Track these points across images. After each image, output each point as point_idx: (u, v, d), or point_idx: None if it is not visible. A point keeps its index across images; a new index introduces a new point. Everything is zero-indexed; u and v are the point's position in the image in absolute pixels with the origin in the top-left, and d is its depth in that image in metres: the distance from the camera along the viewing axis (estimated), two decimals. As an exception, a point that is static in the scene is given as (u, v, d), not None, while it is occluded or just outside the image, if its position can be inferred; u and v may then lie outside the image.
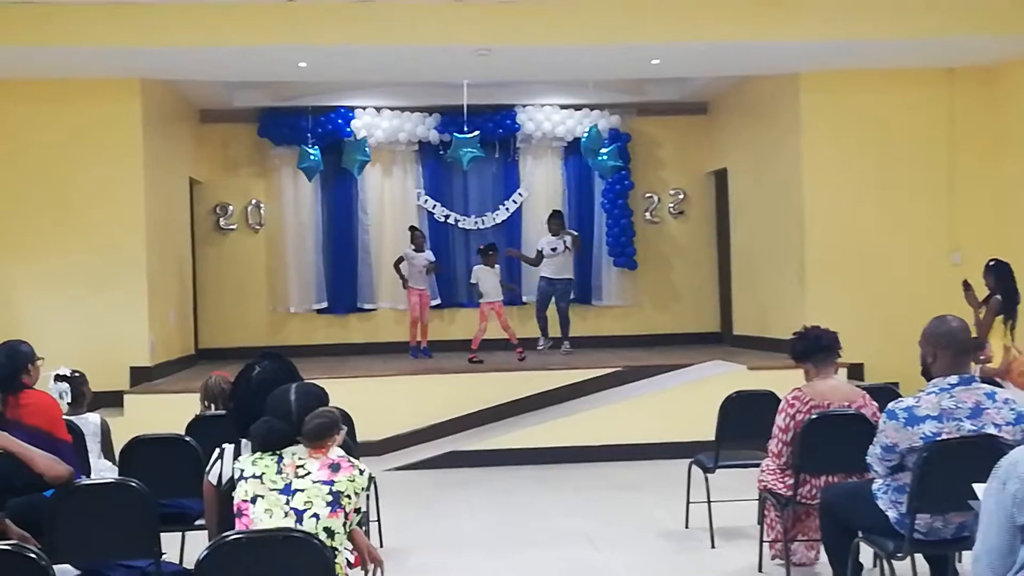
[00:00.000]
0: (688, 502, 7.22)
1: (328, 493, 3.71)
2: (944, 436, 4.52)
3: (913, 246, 11.28)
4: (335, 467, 3.78)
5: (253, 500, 3.72)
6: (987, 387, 4.69)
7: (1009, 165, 11.11)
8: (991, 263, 8.77)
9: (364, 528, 5.85)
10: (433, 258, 12.57)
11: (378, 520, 6.96)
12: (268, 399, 3.97)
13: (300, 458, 3.81)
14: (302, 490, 3.72)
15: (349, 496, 3.74)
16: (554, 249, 12.28)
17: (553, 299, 12.32)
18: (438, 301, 13.64)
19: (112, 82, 10.68)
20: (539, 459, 9.77)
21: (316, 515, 3.67)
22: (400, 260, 12.34)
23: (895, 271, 11.21)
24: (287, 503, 3.69)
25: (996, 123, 11.25)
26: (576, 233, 12.58)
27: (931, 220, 11.34)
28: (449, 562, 6.69)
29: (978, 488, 3.60)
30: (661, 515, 7.66)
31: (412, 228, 12.75)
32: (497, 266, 12.23)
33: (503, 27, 9.79)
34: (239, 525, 3.70)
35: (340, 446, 3.94)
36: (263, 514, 3.68)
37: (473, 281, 12.22)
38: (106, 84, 10.69)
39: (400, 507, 7.90)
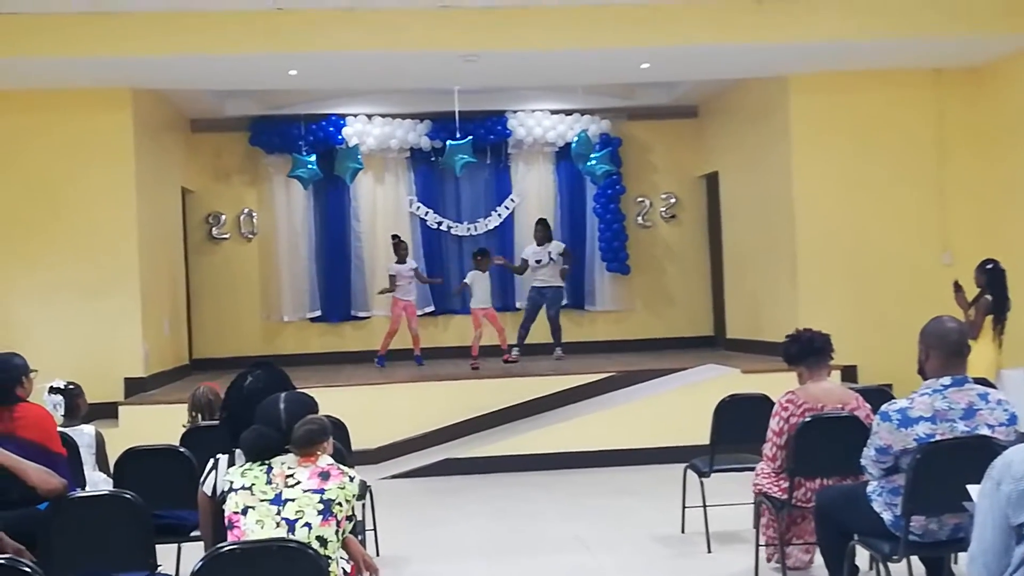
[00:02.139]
0: (684, 506, 7.22)
1: (319, 501, 3.70)
2: (938, 437, 4.52)
3: (904, 247, 11.30)
4: (325, 475, 3.77)
5: (244, 511, 3.71)
6: (980, 388, 4.69)
7: (998, 165, 11.14)
8: (987, 265, 8.80)
9: (360, 537, 5.84)
10: (415, 265, 12.56)
11: (374, 528, 6.95)
12: (258, 408, 3.97)
13: (289, 467, 3.80)
14: (293, 499, 3.71)
15: (340, 504, 3.73)
16: (539, 261, 12.31)
17: (544, 307, 12.34)
18: (431, 308, 13.64)
19: (103, 92, 10.67)
20: (534, 465, 9.76)
21: (308, 524, 3.66)
22: (392, 278, 12.34)
23: (887, 272, 11.23)
24: (278, 513, 3.69)
25: (984, 123, 11.28)
26: (564, 246, 12.57)
27: (921, 221, 11.36)
28: (446, 570, 6.68)
29: (972, 489, 3.60)
30: (657, 520, 7.65)
31: (394, 237, 12.71)
32: (485, 272, 12.23)
33: (491, 32, 9.81)
34: (231, 537, 3.69)
35: (332, 455, 3.93)
36: (254, 525, 3.67)
37: (467, 282, 12.21)
38: (97, 94, 10.68)
39: (396, 515, 7.89)
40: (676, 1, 9.76)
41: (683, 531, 7.22)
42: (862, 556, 5.12)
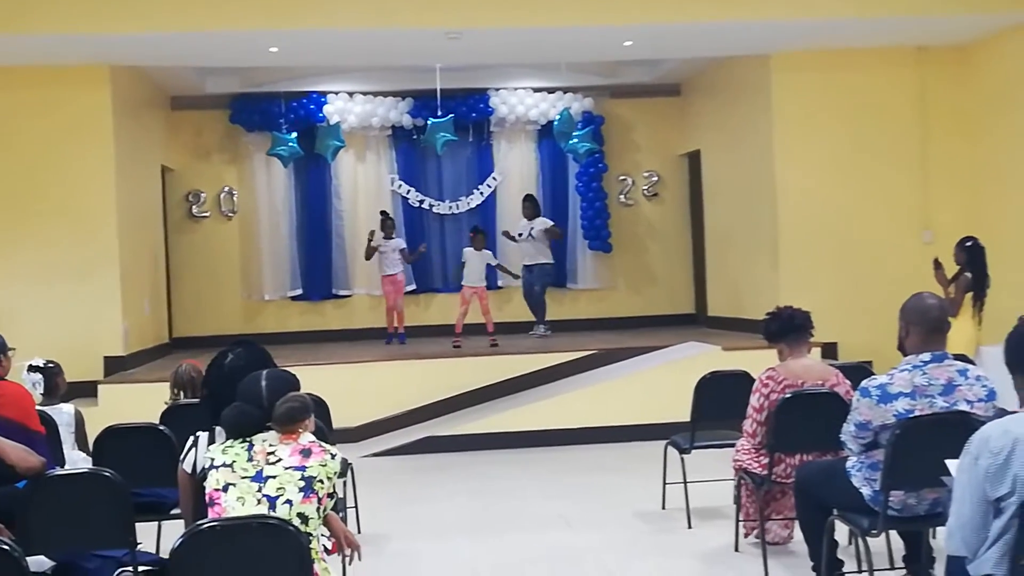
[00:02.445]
0: (664, 483, 7.25)
1: (300, 479, 3.70)
2: (917, 413, 4.55)
3: (886, 225, 11.33)
4: (306, 452, 3.77)
5: (225, 488, 3.70)
6: (959, 364, 4.72)
7: (980, 144, 11.17)
8: (967, 242, 8.83)
9: (341, 514, 5.84)
10: (403, 245, 12.54)
11: (355, 506, 6.96)
12: (239, 385, 3.95)
13: (271, 444, 3.79)
14: (274, 476, 3.70)
15: (322, 481, 3.72)
16: (519, 235, 12.32)
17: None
18: (413, 286, 13.61)
19: (81, 69, 10.56)
20: (516, 443, 9.78)
21: (289, 501, 3.66)
22: (372, 250, 12.30)
23: (868, 250, 11.26)
24: (259, 490, 3.68)
25: (967, 102, 11.30)
26: (551, 224, 12.55)
27: (903, 199, 11.39)
28: (427, 547, 6.70)
29: (951, 464, 3.63)
30: (638, 496, 7.68)
31: (382, 213, 12.69)
32: (486, 250, 12.20)
33: (473, 10, 9.76)
34: (211, 514, 3.68)
35: (314, 432, 3.92)
36: (235, 502, 3.66)
37: (463, 260, 12.22)
38: (75, 71, 10.57)
39: (377, 493, 7.90)
40: (658, -22, 9.73)
41: (664, 507, 7.26)
42: (841, 531, 5.16)
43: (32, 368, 6.33)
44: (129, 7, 9.36)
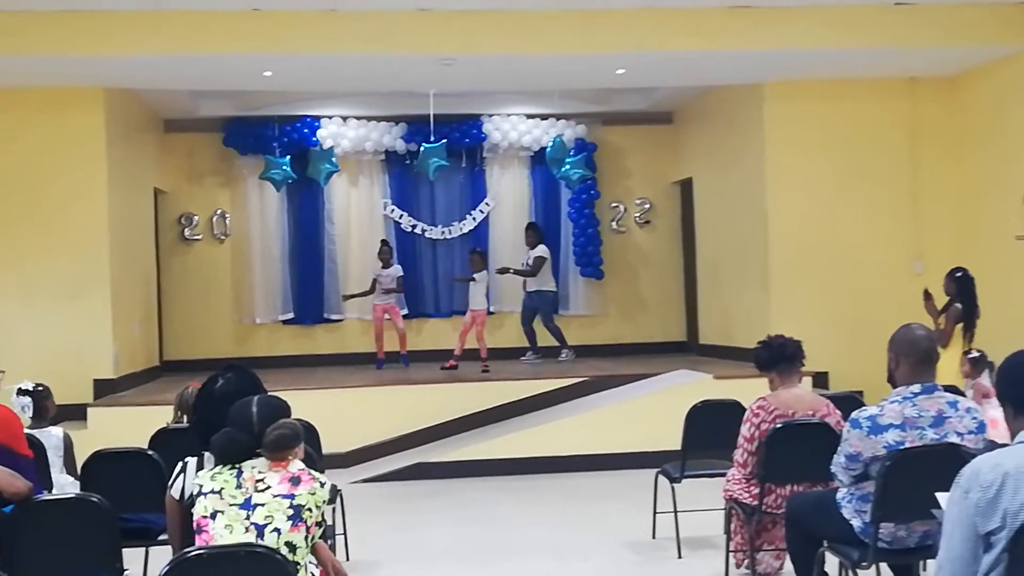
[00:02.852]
0: (655, 512, 7.23)
1: (289, 507, 3.68)
2: (907, 445, 4.54)
3: (877, 255, 11.37)
4: (295, 480, 3.75)
5: (213, 516, 3.68)
6: (950, 396, 4.71)
7: (970, 175, 11.23)
8: (957, 273, 8.86)
9: (330, 542, 5.81)
10: (401, 272, 12.54)
11: (344, 533, 6.92)
12: (230, 411, 3.94)
13: (260, 472, 3.77)
14: (262, 504, 3.68)
15: (310, 509, 3.70)
16: (524, 264, 12.44)
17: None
18: (405, 311, 13.59)
19: (75, 91, 10.59)
20: (506, 470, 9.75)
21: (277, 530, 3.63)
22: (374, 281, 12.34)
23: (859, 280, 11.29)
24: (247, 518, 3.66)
25: (958, 133, 11.36)
26: (539, 256, 12.56)
27: (894, 229, 11.43)
28: (415, 574, 6.66)
29: (941, 497, 3.62)
30: (628, 525, 7.65)
31: (382, 241, 12.72)
32: (484, 272, 12.23)
33: (467, 36, 9.80)
34: (199, 541, 3.66)
35: (303, 459, 3.91)
36: (223, 530, 3.64)
37: (474, 282, 12.26)
38: (69, 94, 10.59)
39: (367, 520, 7.86)
40: (652, 7, 9.77)
41: (654, 536, 7.23)
42: (832, 563, 5.13)
43: (21, 391, 6.30)
44: (124, 30, 9.39)
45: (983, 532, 3.28)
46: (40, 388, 6.36)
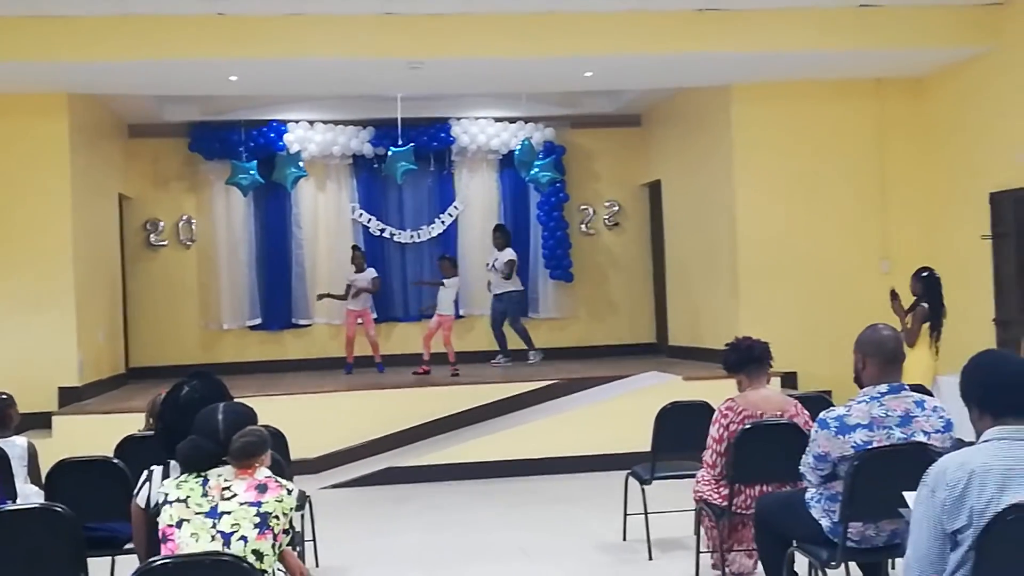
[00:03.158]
0: (625, 514, 7.23)
1: (256, 515, 3.64)
2: (875, 444, 4.56)
3: (844, 255, 11.43)
4: (262, 488, 3.71)
5: (179, 524, 3.64)
6: (916, 395, 4.73)
7: (937, 174, 11.32)
8: (923, 273, 8.91)
9: (298, 549, 5.78)
10: (375, 274, 12.49)
11: (313, 539, 6.87)
12: (196, 419, 3.90)
13: (226, 480, 3.74)
14: (229, 512, 3.65)
15: (277, 517, 3.67)
16: (487, 264, 12.40)
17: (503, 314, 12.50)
18: (374, 315, 13.55)
19: (37, 97, 10.49)
20: (476, 474, 9.73)
21: (244, 538, 3.60)
22: (348, 287, 12.29)
23: (827, 280, 11.35)
24: (213, 526, 3.62)
25: (924, 133, 11.45)
26: (509, 259, 12.55)
27: (862, 229, 11.50)
28: (386, 580, 6.63)
29: (908, 496, 3.64)
30: (598, 528, 7.66)
31: (354, 248, 12.68)
32: (455, 278, 12.16)
33: (435, 40, 9.78)
34: (164, 550, 3.62)
35: (270, 466, 3.87)
36: (189, 538, 3.61)
37: (444, 290, 12.17)
38: (31, 99, 10.49)
39: (336, 525, 7.81)
40: (620, 10, 9.79)
41: (624, 538, 7.23)
42: (801, 563, 5.15)
43: (-17, 399, 6.21)
44: (87, 35, 9.30)
45: (950, 530, 3.30)
46: (3, 396, 6.27)
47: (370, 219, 13.89)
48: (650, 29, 9.94)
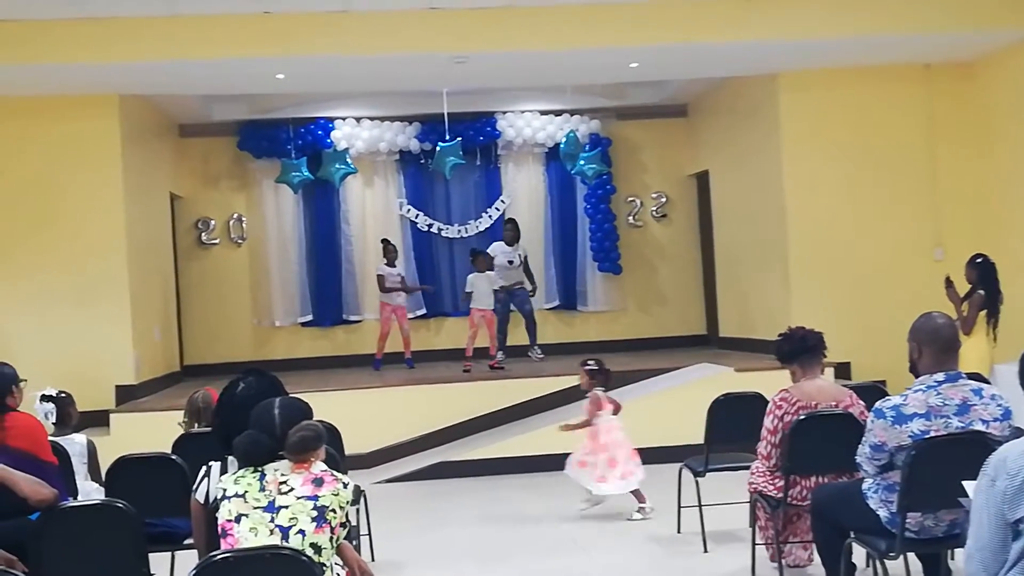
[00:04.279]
0: (679, 506, 7.20)
1: (313, 508, 3.67)
2: (932, 434, 4.51)
3: (896, 243, 11.30)
4: (318, 482, 3.74)
5: (237, 519, 3.68)
6: (974, 383, 4.68)
7: (989, 159, 11.15)
8: (978, 259, 8.78)
9: (354, 542, 5.81)
10: (402, 272, 12.52)
11: (368, 534, 6.92)
12: (252, 413, 3.93)
13: (283, 474, 3.77)
14: (286, 507, 3.68)
15: (334, 510, 3.70)
16: (510, 261, 12.22)
17: (512, 306, 12.29)
18: (423, 311, 13.61)
19: (90, 99, 10.63)
20: (528, 467, 9.72)
21: (302, 531, 3.63)
22: (380, 278, 12.31)
23: (879, 269, 11.22)
24: (271, 520, 3.66)
25: (975, 118, 11.29)
26: (527, 253, 12.51)
27: (913, 216, 11.36)
28: (441, 573, 6.66)
29: (968, 485, 3.59)
30: (652, 520, 7.64)
31: (384, 241, 12.70)
32: (489, 272, 12.11)
33: (480, 33, 9.79)
34: (224, 545, 3.65)
35: (325, 460, 3.90)
36: (248, 533, 3.64)
37: (468, 290, 12.09)
38: (84, 101, 10.64)
39: (391, 520, 7.86)
40: (664, 0, 9.75)
41: (679, 531, 7.21)
42: (859, 554, 5.11)
43: (44, 398, 6.32)
44: (136, 36, 9.41)
45: (1011, 520, 3.25)
46: (63, 395, 6.37)
47: (418, 214, 13.94)
48: (695, 18, 9.88)
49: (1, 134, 10.63)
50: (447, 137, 12.65)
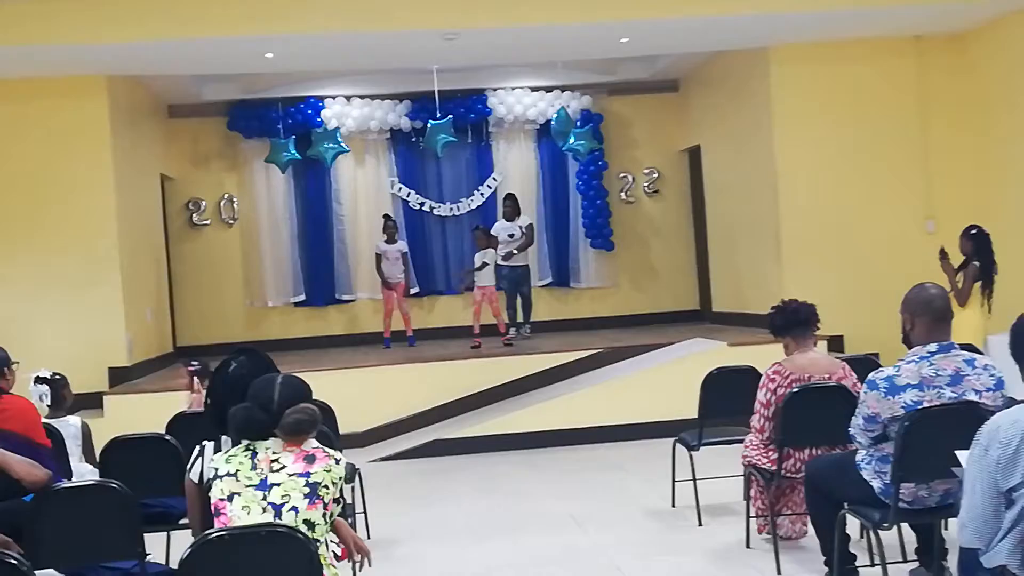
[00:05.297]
0: (673, 480, 7.23)
1: (305, 485, 3.68)
2: (925, 404, 4.52)
3: (888, 215, 11.30)
4: (310, 458, 3.75)
5: (230, 498, 3.68)
6: (966, 354, 4.69)
7: (981, 131, 11.14)
8: (972, 230, 8.77)
9: (350, 520, 5.83)
10: (406, 249, 12.52)
11: (364, 511, 6.93)
12: (252, 386, 3.91)
13: (274, 452, 3.77)
14: (278, 484, 3.68)
15: (327, 487, 3.70)
16: (511, 235, 12.17)
17: (517, 284, 12.28)
18: (416, 289, 13.60)
19: (77, 80, 10.57)
20: (523, 444, 9.76)
21: (295, 508, 3.64)
22: (378, 258, 12.29)
23: (871, 241, 11.23)
24: (264, 498, 3.66)
25: (966, 90, 11.27)
26: (531, 222, 12.49)
27: (905, 189, 11.36)
28: (437, 550, 6.68)
29: (961, 455, 3.61)
30: (647, 494, 7.67)
31: (385, 217, 12.69)
32: (491, 249, 12.05)
33: (469, 9, 9.75)
34: (218, 524, 3.66)
35: (318, 438, 3.90)
36: (241, 511, 3.64)
37: (478, 265, 12.03)
38: (71, 82, 10.57)
39: (386, 497, 7.88)
40: (654, -26, 9.71)
41: (673, 505, 7.23)
42: (853, 525, 5.13)
43: (39, 380, 6.31)
44: (124, 17, 9.36)
45: (1004, 489, 3.27)
46: (57, 377, 6.36)
47: (409, 193, 13.91)
48: (686, -8, 9.85)
49: (-11, 117, 10.58)
50: (438, 115, 12.62)
